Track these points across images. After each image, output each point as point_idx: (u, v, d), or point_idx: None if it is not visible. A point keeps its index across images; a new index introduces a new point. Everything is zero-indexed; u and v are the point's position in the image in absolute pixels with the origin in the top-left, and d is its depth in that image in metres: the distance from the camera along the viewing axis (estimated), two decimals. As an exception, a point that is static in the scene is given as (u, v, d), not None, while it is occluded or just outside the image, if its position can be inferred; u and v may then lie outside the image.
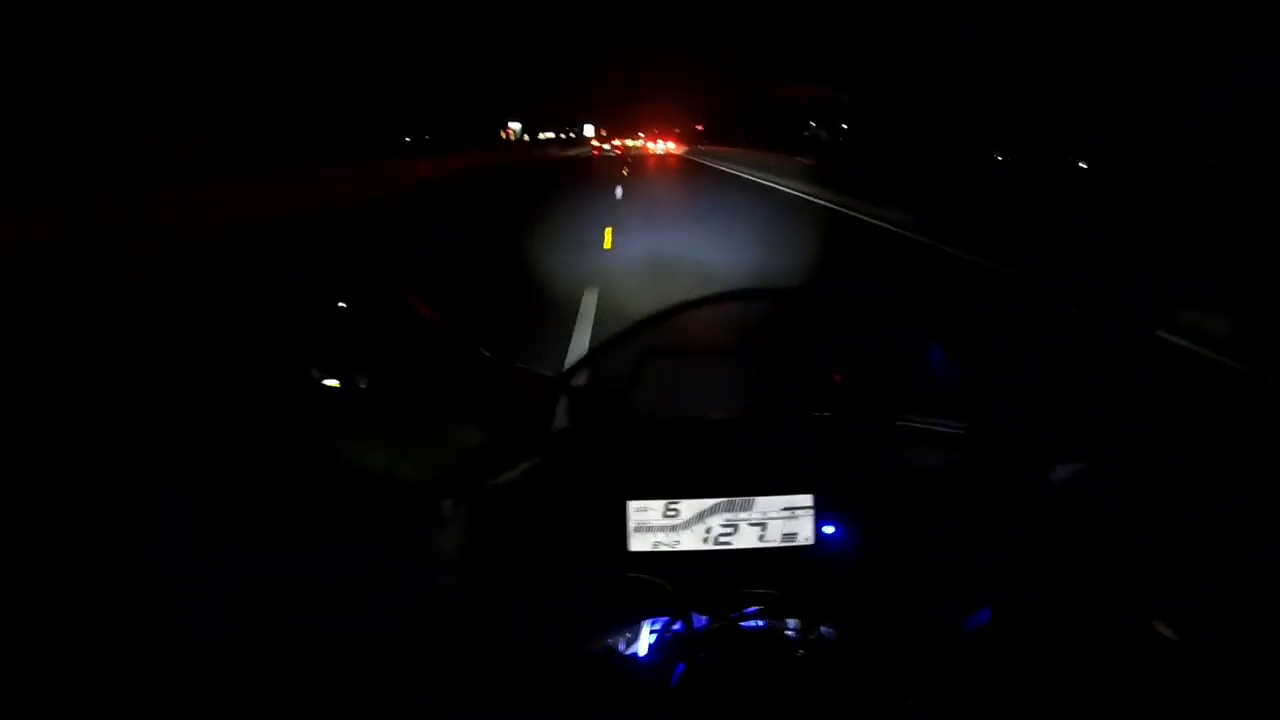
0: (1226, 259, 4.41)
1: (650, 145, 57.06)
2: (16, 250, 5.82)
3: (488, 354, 0.81)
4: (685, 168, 26.74)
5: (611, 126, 67.17)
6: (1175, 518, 0.67)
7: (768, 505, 0.73)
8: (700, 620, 0.71)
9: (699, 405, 0.82)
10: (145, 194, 7.80)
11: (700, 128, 58.75)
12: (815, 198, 13.09)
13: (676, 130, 61.20)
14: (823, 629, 0.71)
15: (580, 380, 0.80)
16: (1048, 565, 0.71)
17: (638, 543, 0.72)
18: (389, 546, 0.72)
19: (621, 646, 0.71)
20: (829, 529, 0.74)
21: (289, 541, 0.67)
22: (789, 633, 0.72)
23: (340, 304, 0.81)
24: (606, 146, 54.49)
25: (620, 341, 0.73)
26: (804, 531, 0.73)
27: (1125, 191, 6.58)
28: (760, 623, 0.72)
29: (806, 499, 0.73)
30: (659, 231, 8.37)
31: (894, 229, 8.96)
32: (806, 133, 27.13)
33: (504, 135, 48.37)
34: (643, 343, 0.76)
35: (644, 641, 0.72)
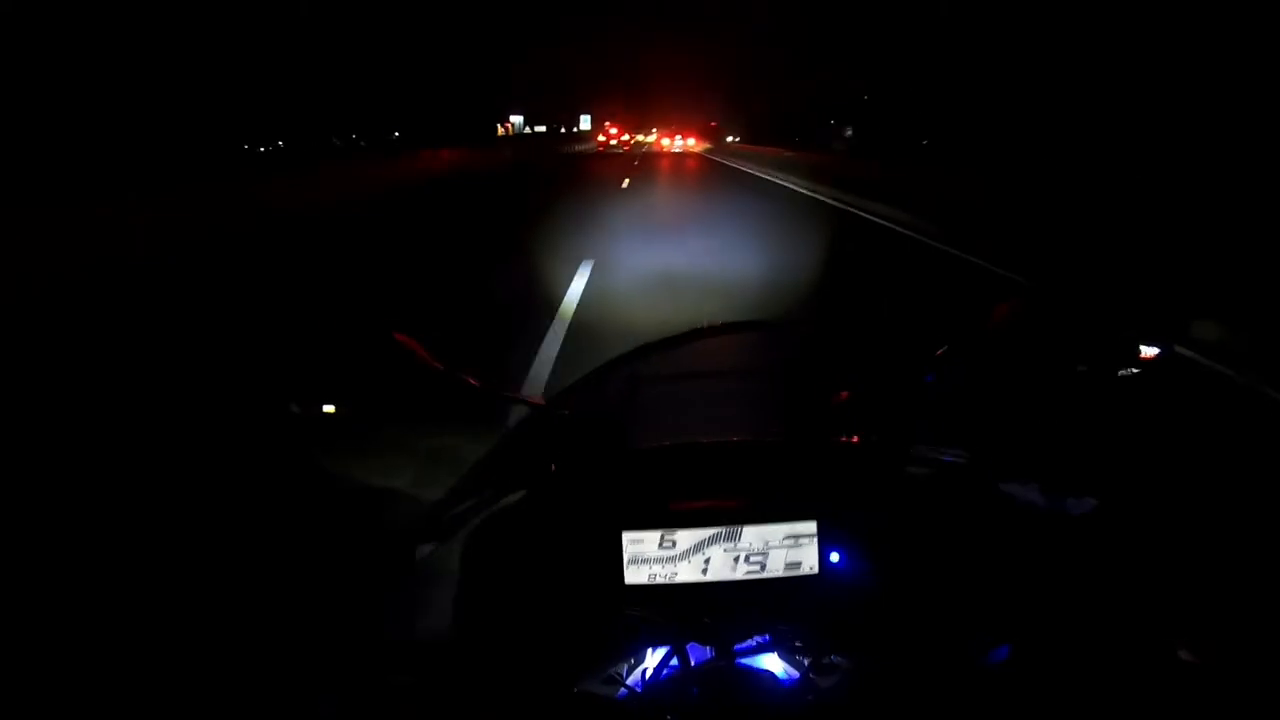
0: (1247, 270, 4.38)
1: (665, 142, 49.79)
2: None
3: (475, 383, 0.79)
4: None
5: (617, 119, 60.99)
6: (1192, 546, 0.66)
7: (769, 534, 0.70)
8: (701, 653, 0.69)
9: (694, 432, 0.80)
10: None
11: (715, 124, 53.03)
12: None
13: (697, 127, 53.46)
14: (833, 657, 0.69)
15: (571, 408, 0.78)
16: (1061, 597, 0.69)
17: (633, 575, 0.70)
18: (380, 568, 0.70)
19: (615, 683, 0.70)
20: (835, 557, 0.71)
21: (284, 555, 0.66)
22: (792, 667, 0.70)
23: (334, 333, 0.79)
24: (614, 143, 50.19)
25: (610, 371, 0.71)
26: (808, 560, 0.71)
27: (1145, 196, 6.51)
28: (763, 656, 0.70)
29: (810, 526, 0.70)
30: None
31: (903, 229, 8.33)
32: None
33: (503, 130, 47.51)
34: (635, 370, 0.74)
35: (638, 678, 0.70)
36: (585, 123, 64.46)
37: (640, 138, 59.13)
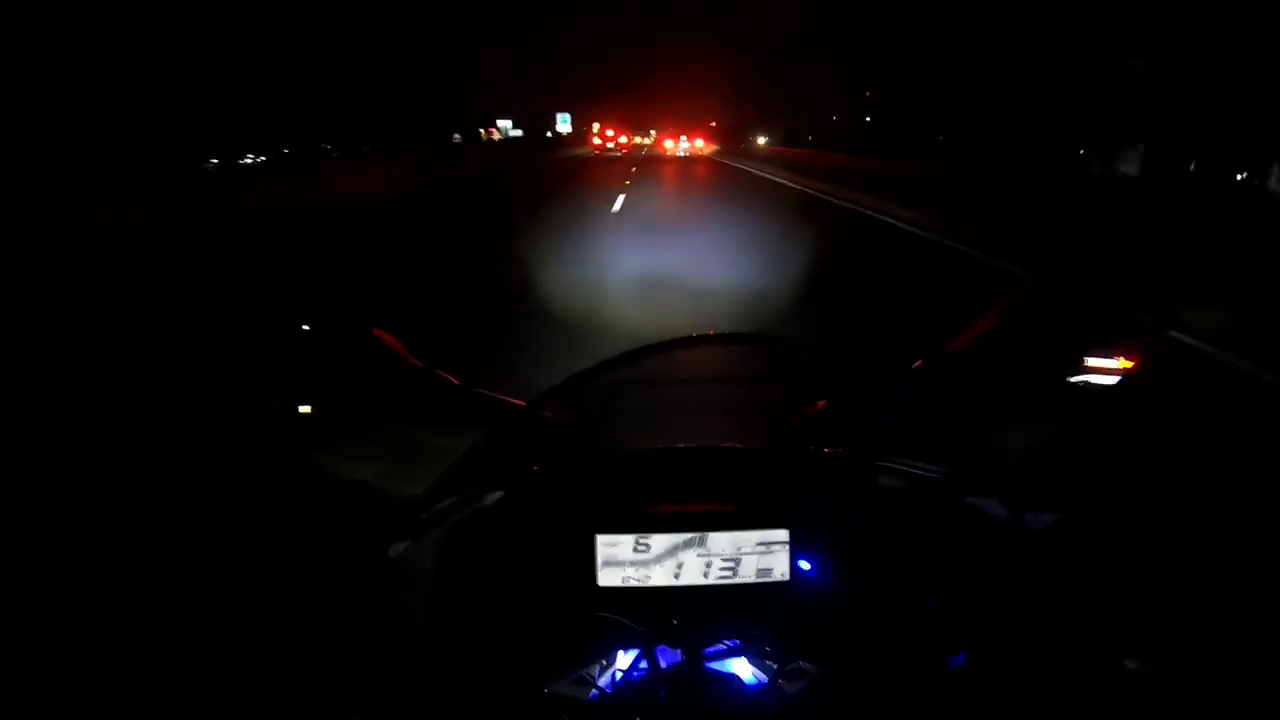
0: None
1: (668, 144, 46.63)
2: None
3: (456, 382, 0.79)
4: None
5: (613, 120, 56.70)
6: (1152, 558, 0.67)
7: (742, 540, 0.71)
8: (671, 656, 0.70)
9: (671, 438, 0.81)
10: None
11: (714, 124, 50.27)
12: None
13: (702, 128, 49.43)
14: (800, 663, 0.69)
15: (549, 412, 0.78)
16: (1017, 608, 0.70)
17: (606, 577, 0.71)
18: (356, 568, 0.71)
19: (586, 684, 0.70)
20: (805, 565, 0.72)
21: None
22: (760, 671, 0.70)
23: (304, 327, 0.79)
24: (610, 145, 47.07)
25: (590, 376, 0.72)
26: (779, 567, 0.71)
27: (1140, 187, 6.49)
28: (731, 660, 0.70)
29: (782, 534, 0.71)
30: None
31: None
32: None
33: (485, 134, 44.91)
34: (614, 375, 0.74)
35: (609, 680, 0.71)
36: (564, 124, 52.83)
37: (639, 139, 56.75)
